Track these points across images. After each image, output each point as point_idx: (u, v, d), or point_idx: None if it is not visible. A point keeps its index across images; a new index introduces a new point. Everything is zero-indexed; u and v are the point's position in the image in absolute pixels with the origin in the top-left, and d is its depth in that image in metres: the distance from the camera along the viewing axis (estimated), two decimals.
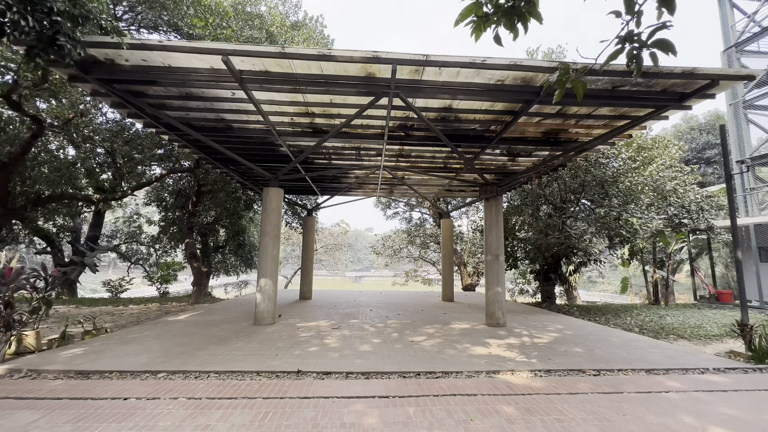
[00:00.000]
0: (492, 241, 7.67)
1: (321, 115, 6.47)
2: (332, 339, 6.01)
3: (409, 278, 23.54)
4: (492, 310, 7.42)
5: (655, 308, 12.05)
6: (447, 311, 9.55)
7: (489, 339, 6.19)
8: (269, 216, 7.49)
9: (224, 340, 5.76)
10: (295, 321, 7.67)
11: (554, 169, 9.80)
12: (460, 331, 6.89)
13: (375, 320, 7.92)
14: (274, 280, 7.31)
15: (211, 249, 18.21)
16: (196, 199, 13.26)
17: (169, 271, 17.97)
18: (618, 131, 6.65)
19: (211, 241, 18.82)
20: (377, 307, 10.22)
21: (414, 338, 6.16)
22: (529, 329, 7.15)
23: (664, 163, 10.11)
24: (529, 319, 8.38)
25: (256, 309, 7.22)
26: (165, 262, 19.14)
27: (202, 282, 12.96)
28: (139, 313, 9.71)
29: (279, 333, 6.41)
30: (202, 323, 7.27)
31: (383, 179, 11.10)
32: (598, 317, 9.54)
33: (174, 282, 19.61)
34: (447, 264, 12.24)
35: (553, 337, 6.47)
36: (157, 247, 21.16)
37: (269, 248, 7.36)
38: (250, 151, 8.32)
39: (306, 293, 11.98)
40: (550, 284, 12.86)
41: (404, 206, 22.29)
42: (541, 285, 13.37)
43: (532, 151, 8.29)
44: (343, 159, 9.15)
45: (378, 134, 7.36)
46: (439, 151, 8.42)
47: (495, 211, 7.80)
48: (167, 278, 17.51)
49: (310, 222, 12.46)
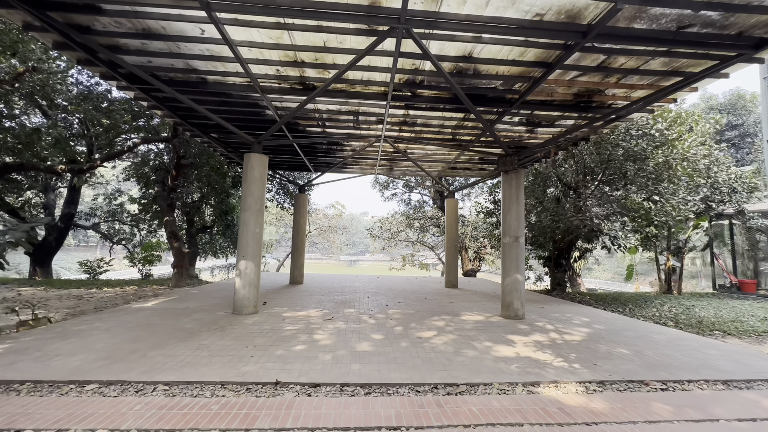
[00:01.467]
0: (511, 220, 6.60)
1: (313, 64, 5.23)
2: (324, 334, 4.97)
3: (406, 263, 22.62)
4: (509, 300, 6.42)
5: (672, 297, 11.21)
6: (453, 299, 8.56)
7: (511, 335, 5.19)
8: (251, 187, 6.33)
9: (191, 335, 4.69)
10: (282, 310, 6.62)
11: (574, 143, 8.72)
12: (475, 324, 5.89)
13: (374, 309, 6.90)
14: (256, 263, 6.22)
15: (196, 228, 17.04)
16: (176, 172, 11.98)
17: (153, 252, 16.81)
18: (663, 93, 5.54)
19: (197, 221, 17.63)
20: (375, 293, 9.21)
21: (422, 333, 5.14)
22: (552, 322, 6.18)
23: (696, 139, 9.03)
24: (547, 310, 7.42)
25: (235, 296, 6.15)
26: (148, 242, 17.97)
27: (184, 264, 11.83)
28: (110, 298, 8.62)
29: (260, 325, 5.35)
30: (172, 312, 6.20)
31: (383, 153, 9.92)
32: (619, 307, 8.63)
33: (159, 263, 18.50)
34: (451, 248, 11.22)
35: (583, 332, 5.50)
36: (141, 227, 19.96)
37: (250, 225, 6.23)
38: (230, 114, 7.08)
39: (297, 277, 10.93)
40: (560, 271, 11.94)
41: (403, 187, 21.15)
42: (552, 272, 12.45)
43: (555, 119, 7.17)
44: (339, 126, 7.94)
45: (380, 94, 6.16)
46: (449, 119, 7.25)
47: (516, 186, 6.70)
48: (150, 259, 16.38)
49: (302, 200, 11.30)
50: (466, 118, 7.18)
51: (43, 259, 15.78)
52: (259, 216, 6.34)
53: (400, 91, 6.15)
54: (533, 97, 6.19)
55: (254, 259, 6.20)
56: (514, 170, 6.78)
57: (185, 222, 18.12)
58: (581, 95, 6.20)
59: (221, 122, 6.24)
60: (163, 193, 12.39)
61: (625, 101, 6.35)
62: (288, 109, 6.81)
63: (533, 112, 6.80)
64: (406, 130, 8.15)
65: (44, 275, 15.72)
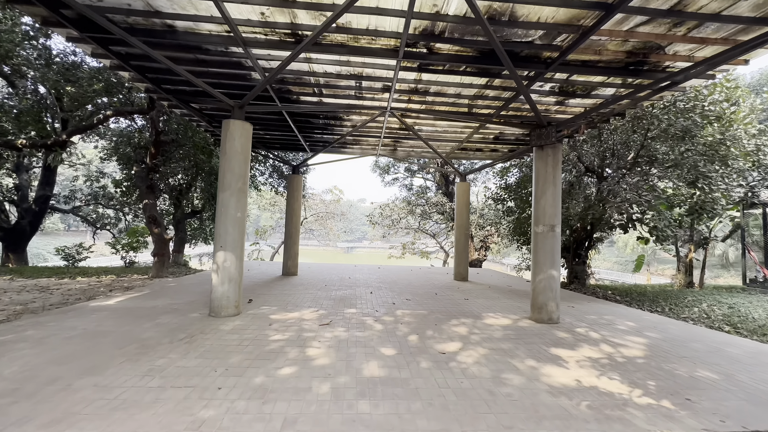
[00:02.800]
0: (546, 206, 5.48)
1: (306, 4, 3.98)
2: (320, 347, 3.88)
3: (406, 251, 21.58)
4: (543, 301, 5.35)
5: (699, 292, 10.25)
6: (466, 295, 7.52)
7: (555, 348, 4.14)
8: (230, 161, 5.14)
9: (146, 350, 3.59)
10: (270, 310, 5.52)
11: (606, 119, 7.57)
12: (503, 331, 4.83)
13: (379, 309, 5.83)
14: (237, 254, 5.08)
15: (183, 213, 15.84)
16: (155, 150, 10.72)
17: (138, 238, 15.63)
18: (738, 51, 4.34)
19: (186, 205, 16.41)
20: (378, 287, 8.14)
21: (443, 345, 4.07)
22: (593, 327, 5.14)
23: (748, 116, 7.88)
24: (578, 310, 6.39)
25: (212, 295, 5.03)
26: (133, 228, 16.78)
27: (165, 252, 10.68)
28: (78, 290, 7.53)
29: (240, 333, 4.26)
30: (135, 313, 5.08)
31: (387, 131, 8.70)
32: (653, 305, 7.63)
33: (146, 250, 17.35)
34: (462, 236, 10.12)
35: (640, 344, 4.45)
36: (126, 211, 18.73)
37: (230, 208, 5.07)
38: (209, 78, 5.83)
39: (290, 268, 9.83)
40: (579, 263, 10.93)
41: (405, 171, 19.94)
42: (570, 264, 11.43)
43: (594, 87, 6.00)
44: (338, 95, 6.71)
45: (390, 50, 4.94)
46: (468, 86, 6.03)
47: (552, 164, 5.55)
48: (135, 246, 15.21)
49: (296, 181, 10.10)
50: (488, 84, 5.98)
51: (16, 245, 14.58)
52: (241, 197, 5.17)
53: (415, 45, 4.93)
54: (576, 56, 5.01)
55: (235, 250, 5.07)
56: (550, 144, 5.62)
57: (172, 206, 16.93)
58: (635, 53, 5.01)
59: (194, 81, 5.00)
60: (143, 173, 11.14)
61: (686, 62, 5.16)
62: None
63: (569, 78, 5.65)
64: (416, 101, 6.93)
65: (18, 262, 14.54)
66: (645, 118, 7.50)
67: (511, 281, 10.29)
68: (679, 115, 6.98)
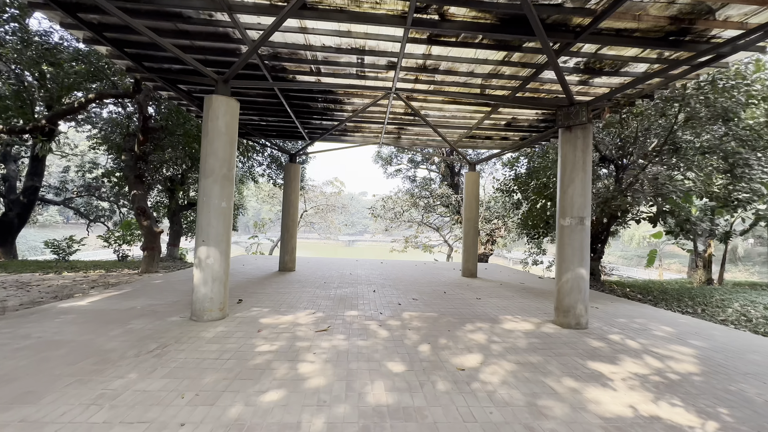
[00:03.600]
0: (574, 195, 4.80)
1: None
2: (315, 361, 3.25)
3: (408, 245, 20.93)
4: (569, 304, 4.71)
5: (723, 290, 9.60)
6: (478, 294, 6.89)
7: (592, 361, 3.50)
8: (213, 143, 4.47)
9: (104, 366, 2.96)
10: (261, 312, 4.90)
11: (631, 102, 6.88)
12: (527, 338, 4.19)
13: (384, 312, 5.20)
14: (222, 250, 4.44)
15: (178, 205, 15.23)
16: (143, 137, 10.05)
17: (132, 231, 15.04)
18: None
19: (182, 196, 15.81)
20: (382, 285, 7.52)
21: (461, 359, 3.43)
22: (629, 334, 4.50)
23: None
24: (604, 312, 5.75)
25: (194, 296, 4.40)
26: (127, 220, 16.21)
27: (156, 246, 10.08)
28: (59, 287, 6.98)
29: (222, 342, 3.63)
30: (107, 316, 4.47)
31: (391, 116, 8.00)
32: (679, 305, 7.01)
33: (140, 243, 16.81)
34: (471, 229, 9.46)
35: (688, 355, 3.82)
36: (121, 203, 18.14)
37: (213, 197, 4.42)
38: (194, 53, 5.14)
39: (287, 263, 9.20)
40: (595, 258, 10.27)
41: (408, 163, 19.23)
42: None
43: (625, 63, 5.32)
44: (338, 74, 6.01)
45: (397, 16, 4.24)
46: (483, 61, 5.32)
47: (582, 148, 4.85)
48: (130, 239, 14.63)
49: (293, 170, 9.42)
50: (505, 60, 5.28)
51: (3, 238, 14.01)
52: (225, 184, 4.51)
53: (425, 10, 4.23)
54: (610, 22, 4.32)
55: (219, 245, 4.42)
56: (580, 125, 4.91)
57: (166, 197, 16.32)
58: (681, 19, 4.29)
59: (174, 51, 4.30)
60: (130, 162, 10.49)
61: (737, 30, 4.45)
62: (271, 43, 4.86)
63: (598, 52, 4.97)
64: (424, 81, 6.23)
65: (6, 256, 14.00)
66: (677, 99, 6.78)
67: (521, 277, 9.66)
68: (718, 95, 6.25)
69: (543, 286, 8.15)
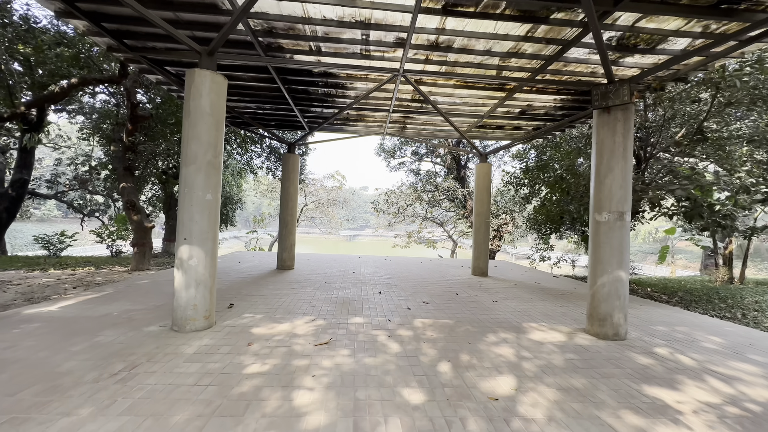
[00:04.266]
0: (613, 186, 4.17)
1: None
2: (313, 387, 2.65)
3: (411, 240, 20.32)
4: (606, 312, 4.10)
5: (751, 290, 9.00)
6: (492, 295, 6.29)
7: (648, 386, 2.90)
8: (195, 125, 3.84)
9: (47, 400, 2.37)
10: (253, 320, 4.30)
11: (661, 87, 6.23)
12: (561, 352, 3.59)
13: (392, 318, 4.60)
14: (207, 249, 3.83)
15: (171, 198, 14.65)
16: (132, 126, 9.43)
17: (126, 226, 14.49)
18: None
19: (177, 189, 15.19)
20: (388, 285, 6.92)
21: (492, 384, 2.84)
22: (676, 347, 3.90)
23: None
24: (634, 316, 5.15)
25: (175, 302, 3.80)
26: (121, 214, 15.64)
27: (147, 242, 9.50)
28: (41, 286, 6.46)
29: (203, 361, 3.04)
30: (75, 324, 3.88)
31: (397, 103, 7.34)
32: (713, 308, 6.41)
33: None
34: (482, 224, 8.83)
35: (758, 377, 3.21)
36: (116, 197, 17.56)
37: (196, 188, 3.80)
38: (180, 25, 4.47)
39: (286, 261, 8.61)
40: None
41: (412, 155, 18.55)
42: None
43: (663, 38, 4.66)
44: (340, 53, 5.35)
45: None
46: (503, 37, 4.66)
47: (623, 133, 4.21)
48: (122, 235, 14.08)
49: (292, 161, 8.79)
50: (528, 35, 4.64)
51: None
52: (211, 173, 3.88)
53: None
54: None
55: (204, 244, 3.81)
56: (621, 106, 4.26)
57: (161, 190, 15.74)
58: None
59: (153, 19, 3.66)
60: (119, 152, 9.88)
61: None
62: (265, 15, 4.21)
63: (636, 24, 4.32)
64: (435, 62, 5.55)
65: None
66: (715, 82, 6.12)
67: (535, 275, 9.05)
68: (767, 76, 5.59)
69: (560, 287, 7.55)
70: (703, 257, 18.15)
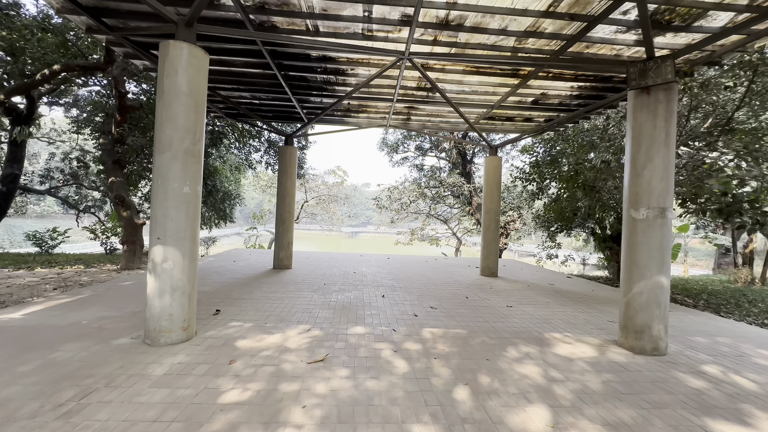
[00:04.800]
0: (653, 178, 3.62)
1: None
2: (302, 428, 2.14)
3: (414, 237, 19.79)
4: (644, 323, 3.57)
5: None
6: (506, 299, 5.75)
7: (712, 420, 2.37)
8: (170, 106, 3.31)
9: None
10: (239, 330, 3.79)
11: (690, 72, 5.63)
12: (596, 372, 3.06)
13: (397, 328, 4.08)
14: (185, 250, 3.32)
15: None
16: (120, 117, 8.92)
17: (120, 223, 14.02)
18: None
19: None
20: (391, 287, 6.40)
21: (523, 418, 2.32)
22: (725, 364, 3.36)
23: None
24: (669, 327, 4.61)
25: (148, 311, 3.29)
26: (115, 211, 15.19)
27: (137, 239, 9.02)
28: (21, 286, 6.04)
29: (173, 390, 2.53)
30: (35, 335, 3.37)
31: (401, 92, 6.77)
32: (747, 313, 5.87)
33: None
34: (491, 221, 8.29)
35: None
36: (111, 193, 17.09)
37: (171, 179, 3.27)
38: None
39: (282, 260, 8.10)
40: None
41: (415, 150, 17.98)
42: (615, 256, 9.61)
43: (702, 13, 4.11)
44: (339, 34, 4.79)
45: None
46: (522, 12, 4.09)
47: (665, 116, 3.65)
48: (117, 231, 13.64)
49: (289, 153, 8.25)
50: (550, 10, 4.08)
51: None
52: (189, 162, 3.35)
53: None
54: None
55: (181, 244, 3.29)
56: (663, 85, 3.69)
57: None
58: None
59: None
60: (108, 145, 9.37)
61: None
62: None
63: None
64: (444, 43, 4.97)
65: None
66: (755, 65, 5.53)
67: (547, 276, 8.51)
68: None
69: (576, 288, 7.01)
70: (716, 256, 17.55)
